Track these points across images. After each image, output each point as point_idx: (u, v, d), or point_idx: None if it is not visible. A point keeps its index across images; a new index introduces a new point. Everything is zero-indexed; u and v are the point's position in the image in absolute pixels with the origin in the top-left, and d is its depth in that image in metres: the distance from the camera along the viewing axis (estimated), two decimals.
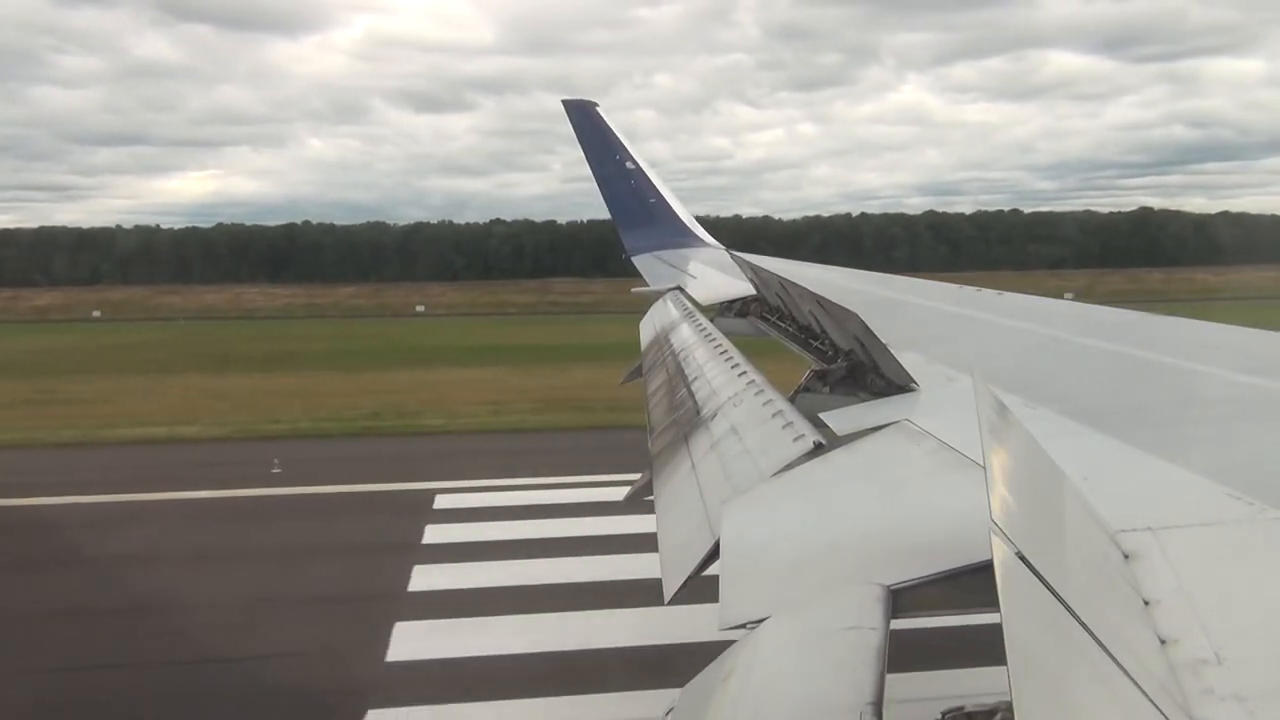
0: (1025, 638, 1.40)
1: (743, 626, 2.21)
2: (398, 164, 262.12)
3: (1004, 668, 1.29)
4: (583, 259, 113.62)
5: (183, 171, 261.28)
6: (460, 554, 14.20)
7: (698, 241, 17.83)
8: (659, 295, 12.54)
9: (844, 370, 4.92)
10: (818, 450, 3.32)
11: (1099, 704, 1.48)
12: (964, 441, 2.95)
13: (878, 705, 1.61)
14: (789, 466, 3.27)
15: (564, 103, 18.63)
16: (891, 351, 4.36)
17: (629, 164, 18.23)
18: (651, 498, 4.25)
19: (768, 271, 8.53)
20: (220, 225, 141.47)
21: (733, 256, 13.04)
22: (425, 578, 13.17)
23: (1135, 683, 1.56)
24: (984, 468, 1.82)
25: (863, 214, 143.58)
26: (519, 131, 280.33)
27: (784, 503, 3.09)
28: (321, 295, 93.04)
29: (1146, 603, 1.95)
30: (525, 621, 11.53)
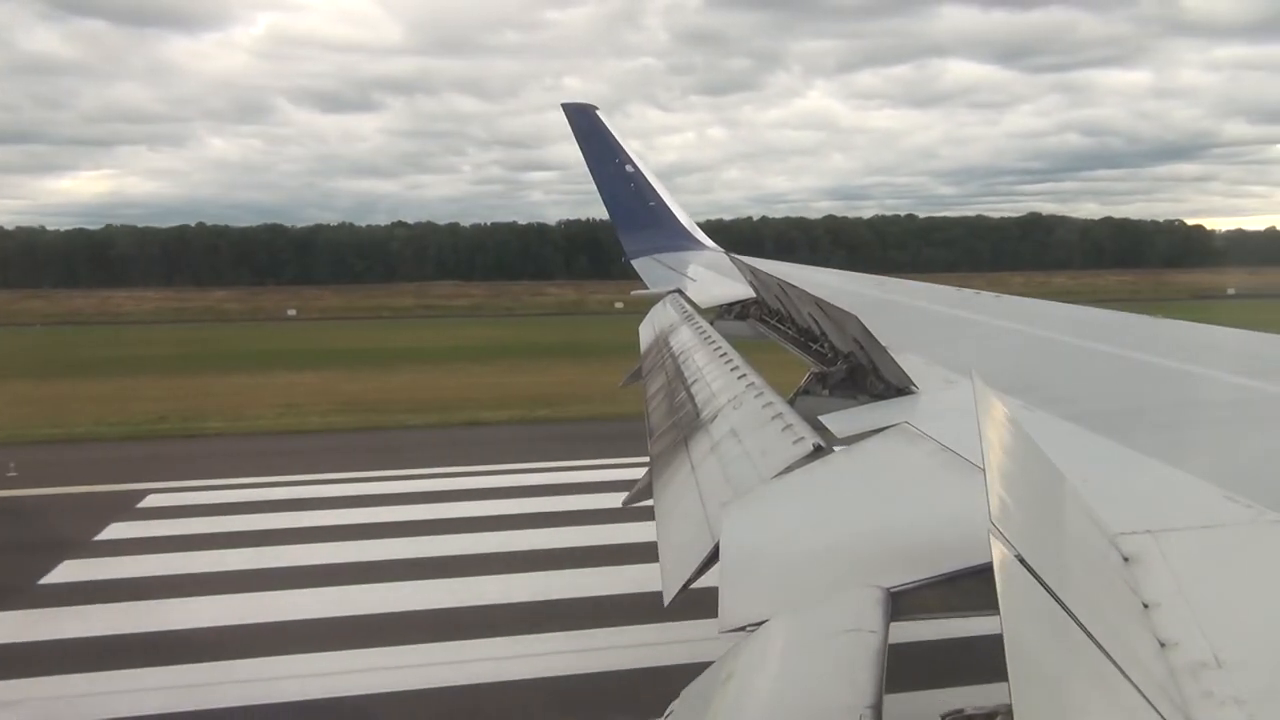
0: (1025, 640, 1.40)
1: (742, 629, 2.21)
2: (303, 165, 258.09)
3: (1003, 670, 1.29)
4: (485, 262, 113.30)
5: (76, 171, 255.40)
6: (123, 549, 14.34)
7: (697, 244, 17.84)
8: (658, 298, 12.55)
9: (843, 373, 4.92)
10: (817, 453, 3.32)
11: (1098, 707, 1.48)
12: (963, 444, 2.95)
13: (877, 708, 1.61)
14: (789, 469, 3.27)
15: (564, 106, 18.65)
16: (891, 354, 4.36)
17: (628, 167, 18.25)
18: (651, 500, 4.25)
19: (767, 274, 8.53)
20: (109, 227, 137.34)
21: (732, 259, 13.04)
22: (66, 572, 13.32)
23: (1135, 685, 1.56)
24: (983, 470, 1.82)
25: (764, 218, 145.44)
26: (429, 133, 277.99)
27: (784, 505, 3.09)
28: (193, 299, 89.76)
29: (1146, 605, 1.95)
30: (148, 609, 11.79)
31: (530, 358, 40.04)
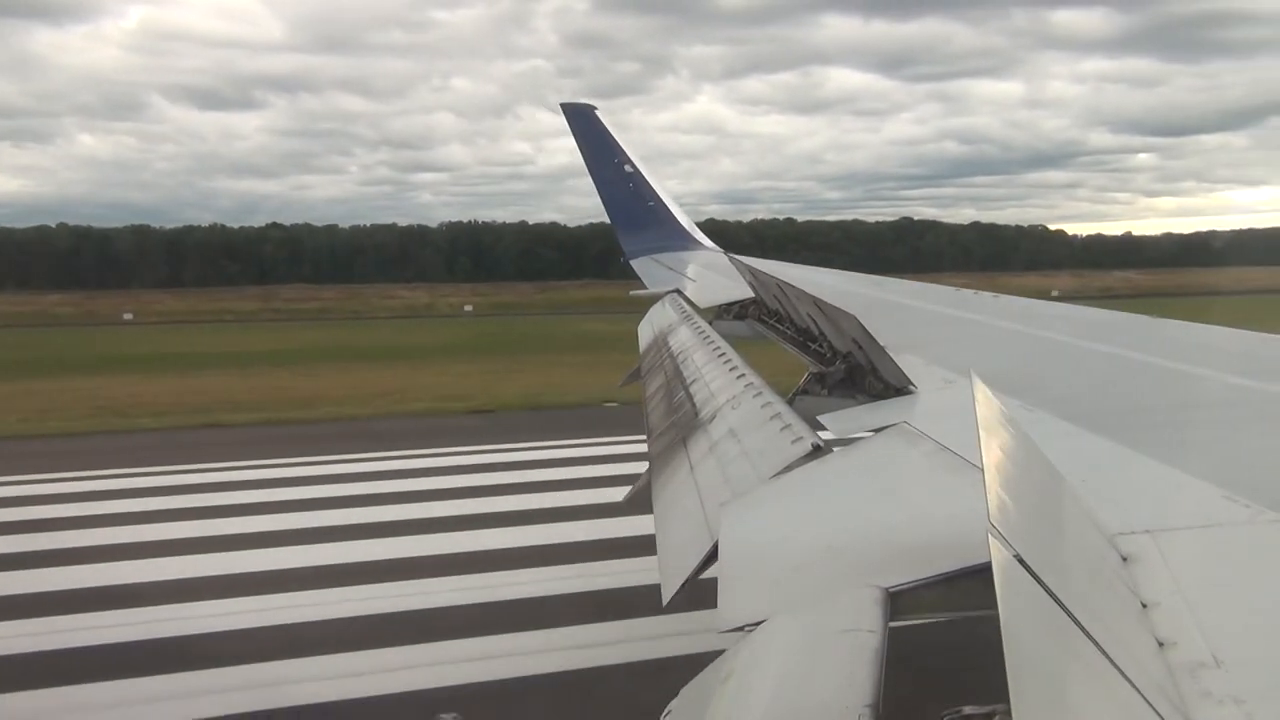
0: (1023, 640, 1.40)
1: (741, 629, 2.21)
2: (180, 164, 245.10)
3: (1002, 670, 1.29)
4: (364, 264, 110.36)
5: None
6: None
7: (696, 244, 17.85)
8: (657, 298, 12.55)
9: (842, 372, 4.92)
10: (816, 452, 3.32)
11: (1097, 706, 1.48)
12: (962, 444, 2.96)
13: (876, 707, 1.61)
14: (787, 469, 3.27)
15: (562, 106, 18.66)
16: (889, 354, 4.36)
17: (627, 167, 18.25)
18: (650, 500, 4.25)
19: (766, 274, 8.53)
20: None
21: (731, 259, 13.04)
22: None
23: (1133, 685, 1.56)
24: (982, 470, 1.82)
25: None
26: (313, 132, 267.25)
27: (782, 505, 3.09)
28: (24, 303, 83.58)
29: (1144, 605, 1.95)
30: None
31: (336, 361, 39.47)
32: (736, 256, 14.33)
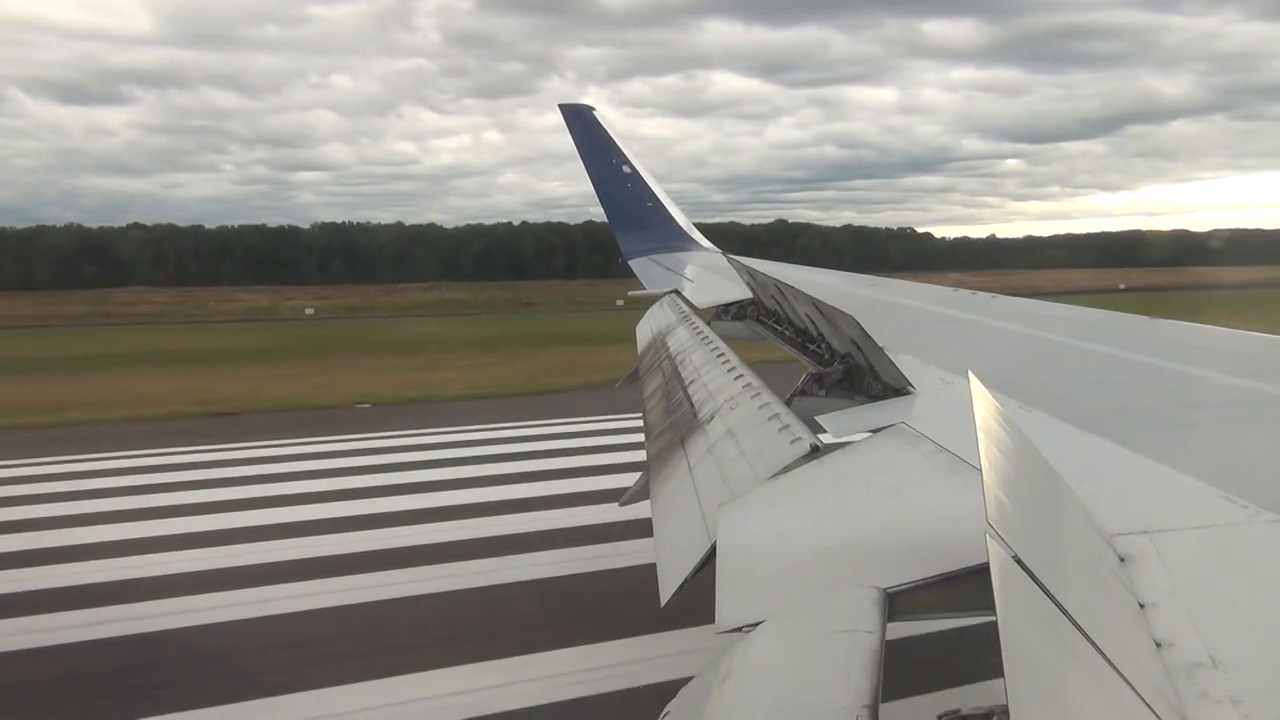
0: (1021, 641, 1.40)
1: (739, 629, 2.21)
2: (41, 160, 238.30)
3: (1000, 670, 1.29)
4: (232, 266, 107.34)
5: None
6: None
7: (694, 245, 17.84)
8: (655, 299, 12.55)
9: (840, 373, 4.92)
10: (814, 453, 3.32)
11: (1095, 707, 1.48)
12: (960, 445, 2.96)
13: (874, 708, 1.61)
14: (786, 469, 3.27)
15: (561, 107, 18.65)
16: (888, 354, 4.36)
17: (625, 168, 18.24)
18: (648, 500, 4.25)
19: (764, 275, 8.53)
20: None
21: (729, 260, 13.05)
22: None
23: (1131, 686, 1.56)
24: (980, 471, 1.82)
25: (524, 223, 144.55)
26: (185, 129, 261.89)
27: (781, 506, 3.09)
28: None
29: (1142, 606, 1.95)
30: None
31: (120, 367, 38.61)
32: (735, 257, 14.34)
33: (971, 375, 2.42)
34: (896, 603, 2.08)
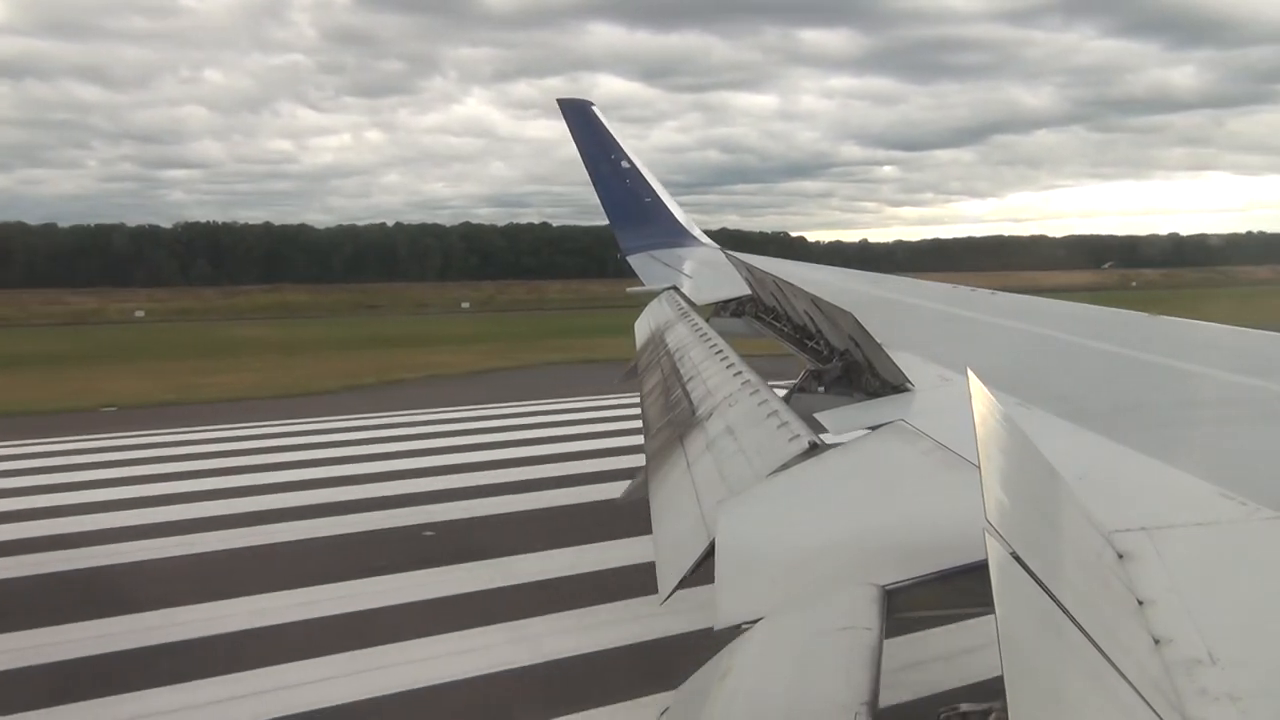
0: (1020, 637, 1.40)
1: (738, 626, 2.21)
2: None
3: (999, 667, 1.30)
4: (89, 267, 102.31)
5: None
6: None
7: (693, 241, 17.82)
8: (654, 295, 12.54)
9: (839, 370, 4.92)
10: (813, 450, 3.32)
11: (1093, 704, 1.49)
12: (959, 442, 2.96)
13: (873, 705, 1.61)
14: (784, 467, 3.27)
15: (559, 102, 18.62)
16: (886, 351, 4.36)
17: (624, 163, 18.21)
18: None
19: (763, 271, 8.53)
20: None
21: (728, 256, 13.03)
22: None
23: (1129, 682, 1.56)
24: (978, 468, 1.82)
25: (398, 224, 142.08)
26: (43, 123, 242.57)
27: (779, 503, 3.10)
28: None
29: (1141, 603, 1.95)
30: None
31: None
32: (734, 254, 14.33)
33: (970, 372, 2.42)
34: (895, 600, 2.09)
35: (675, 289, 12.10)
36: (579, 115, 18.48)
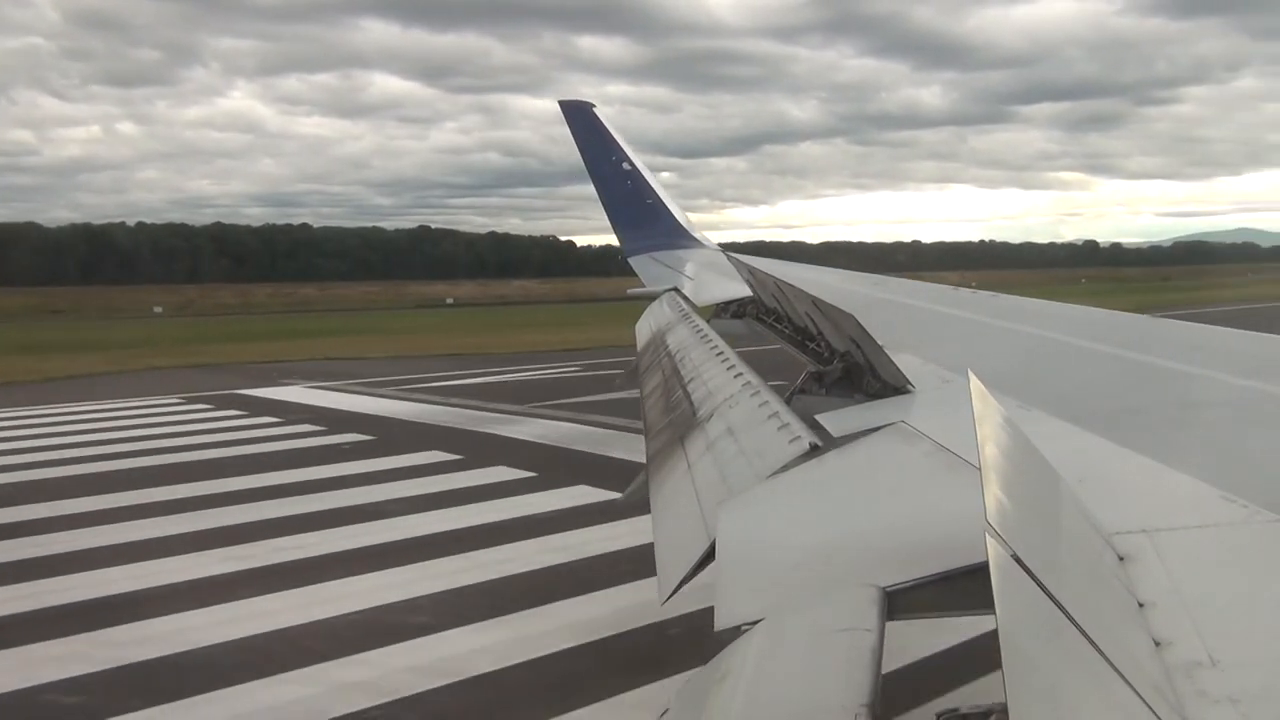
0: (1020, 639, 1.40)
1: (738, 628, 2.21)
2: None
3: (999, 668, 1.29)
4: None
5: None
6: None
7: (694, 242, 17.83)
8: (655, 296, 12.54)
9: (840, 372, 4.91)
10: (813, 452, 3.32)
11: (1093, 706, 1.49)
12: (959, 443, 2.96)
13: (873, 706, 1.61)
14: (785, 468, 3.27)
15: (561, 104, 18.63)
16: (887, 353, 4.36)
17: (625, 165, 18.22)
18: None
19: (764, 273, 8.53)
20: None
21: (729, 258, 13.05)
22: None
23: (1130, 685, 1.56)
24: (979, 469, 1.82)
25: (139, 223, 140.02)
26: None
27: (780, 504, 3.10)
28: None
29: (1141, 605, 1.95)
30: None
31: None
32: (735, 255, 14.34)
33: (971, 374, 2.42)
34: (895, 601, 2.09)
35: (676, 290, 12.10)
36: (580, 117, 18.49)
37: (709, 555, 2.88)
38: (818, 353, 6.09)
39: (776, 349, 8.00)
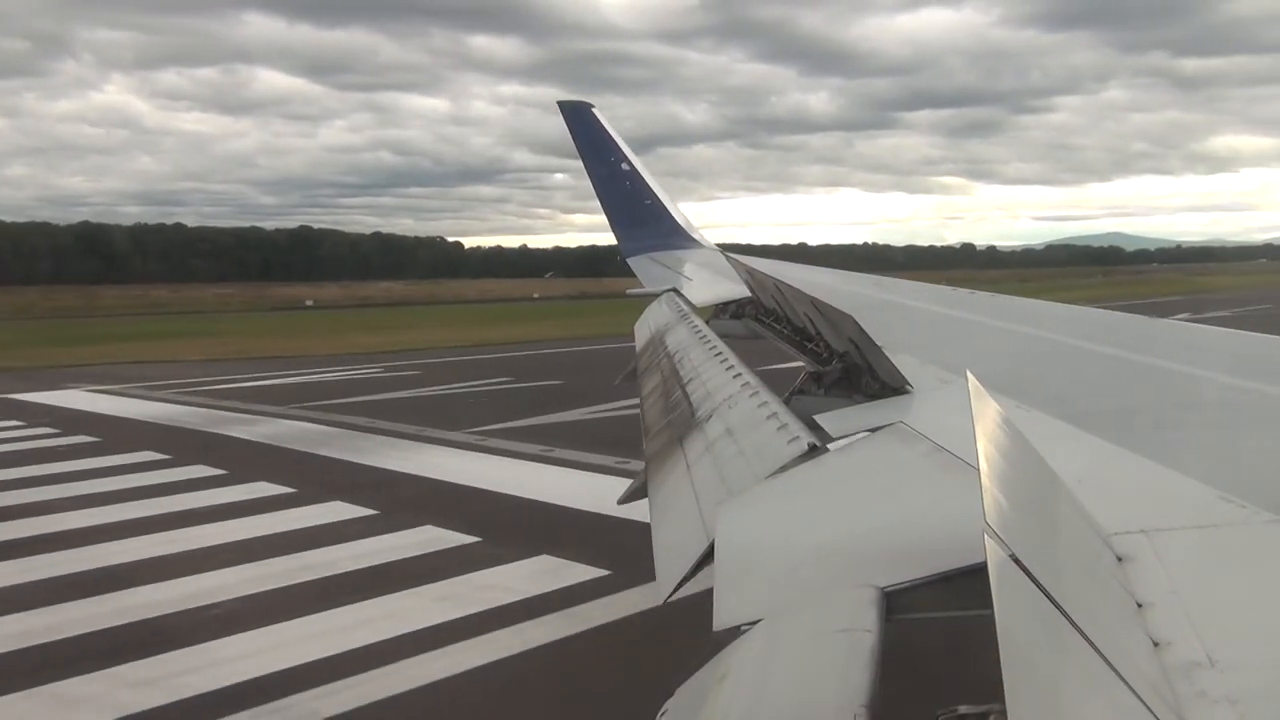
0: (1019, 640, 1.40)
1: (737, 628, 2.21)
2: None
3: (997, 669, 1.29)
4: None
5: None
6: None
7: (693, 243, 17.83)
8: (654, 297, 12.54)
9: (839, 372, 4.92)
10: (812, 452, 3.32)
11: (1092, 706, 1.49)
12: (958, 444, 2.96)
13: (872, 707, 1.61)
14: (784, 468, 3.27)
15: (560, 104, 18.64)
16: (886, 354, 4.36)
17: (624, 165, 18.22)
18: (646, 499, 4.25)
19: (763, 273, 8.54)
20: None
21: (728, 258, 13.06)
22: None
23: (1128, 685, 1.56)
24: (978, 470, 1.82)
25: None
26: None
27: (779, 505, 3.10)
28: None
29: (1140, 605, 1.95)
30: None
31: None
32: (734, 255, 14.34)
33: (970, 375, 2.42)
34: (894, 601, 2.09)
35: (675, 291, 12.10)
36: (579, 117, 18.49)
37: (708, 555, 2.88)
38: (817, 353, 6.09)
39: (776, 350, 8.01)
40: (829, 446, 3.43)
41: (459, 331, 53.48)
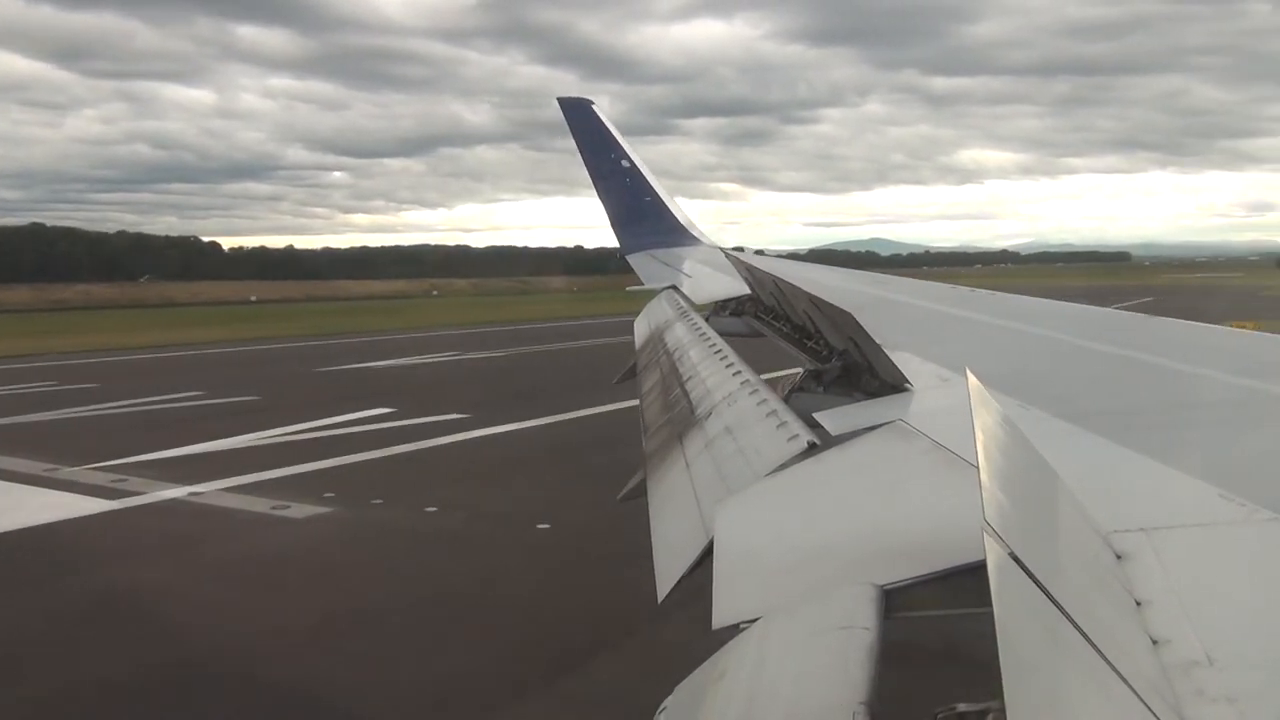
0: (1018, 638, 1.40)
1: (736, 626, 2.21)
2: None
3: (996, 667, 1.29)
4: None
5: None
6: None
7: (693, 240, 17.83)
8: (653, 294, 12.54)
9: (838, 370, 4.91)
10: (812, 450, 3.32)
11: (1091, 704, 1.49)
12: (957, 442, 2.95)
13: (870, 705, 1.61)
14: (783, 466, 3.27)
15: (560, 100, 18.63)
16: (885, 351, 4.36)
17: (624, 162, 18.22)
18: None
19: (762, 271, 8.54)
20: None
21: (728, 255, 13.06)
22: None
23: (1127, 683, 1.56)
24: (977, 468, 1.82)
25: None
26: None
27: (778, 502, 3.09)
28: None
29: (1139, 603, 1.95)
30: None
31: None
32: (733, 253, 14.35)
33: (969, 373, 2.42)
34: (893, 599, 2.08)
35: (675, 288, 12.10)
36: (579, 114, 18.49)
37: (707, 553, 2.88)
38: (816, 351, 6.09)
39: (775, 347, 8.00)
40: (829, 444, 3.43)
41: (110, 337, 51.85)
